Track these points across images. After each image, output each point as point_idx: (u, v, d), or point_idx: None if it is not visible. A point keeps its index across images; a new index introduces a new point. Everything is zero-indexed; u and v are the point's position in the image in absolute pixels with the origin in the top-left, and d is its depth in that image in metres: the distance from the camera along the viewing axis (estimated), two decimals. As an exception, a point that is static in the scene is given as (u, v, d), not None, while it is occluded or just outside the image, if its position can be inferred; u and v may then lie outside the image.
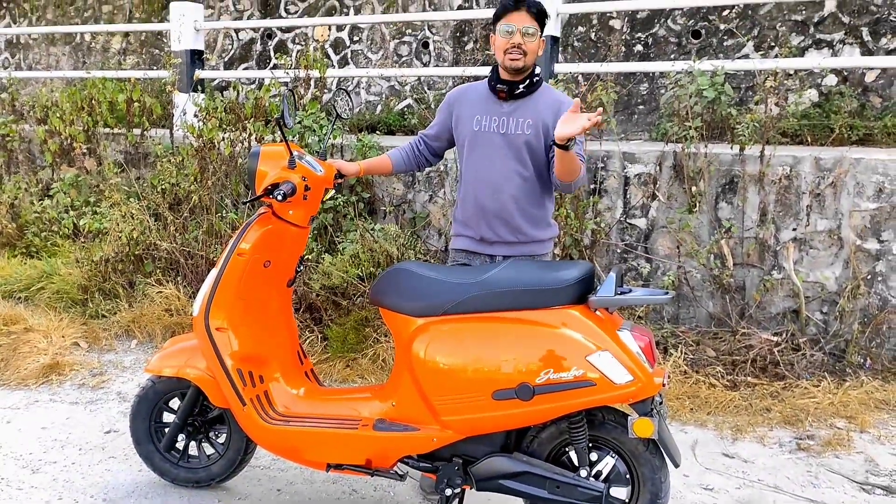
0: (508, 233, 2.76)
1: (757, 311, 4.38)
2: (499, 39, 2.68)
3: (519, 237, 2.76)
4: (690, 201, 4.46)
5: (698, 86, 4.38)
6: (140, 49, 9.96)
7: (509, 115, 2.73)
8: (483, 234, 2.78)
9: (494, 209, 2.73)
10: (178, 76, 6.36)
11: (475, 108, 2.79)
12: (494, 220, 2.75)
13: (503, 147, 2.72)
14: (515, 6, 2.65)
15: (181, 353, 2.74)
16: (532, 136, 2.70)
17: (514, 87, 2.72)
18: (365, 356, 4.14)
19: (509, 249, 2.77)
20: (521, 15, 2.64)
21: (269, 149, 2.63)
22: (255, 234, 2.55)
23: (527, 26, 2.64)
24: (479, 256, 2.83)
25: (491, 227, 2.76)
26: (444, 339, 2.33)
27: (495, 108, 2.76)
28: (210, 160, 5.18)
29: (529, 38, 2.64)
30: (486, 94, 2.80)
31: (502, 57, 2.68)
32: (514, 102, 2.75)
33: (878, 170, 4.14)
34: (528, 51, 2.66)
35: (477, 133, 2.76)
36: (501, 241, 2.77)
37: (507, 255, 2.76)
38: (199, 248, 4.79)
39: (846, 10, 6.30)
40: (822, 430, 3.41)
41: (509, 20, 2.65)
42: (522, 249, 2.78)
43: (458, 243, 2.89)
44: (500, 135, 2.72)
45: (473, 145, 2.77)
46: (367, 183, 5.19)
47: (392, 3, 8.27)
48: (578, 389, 2.19)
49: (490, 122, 2.74)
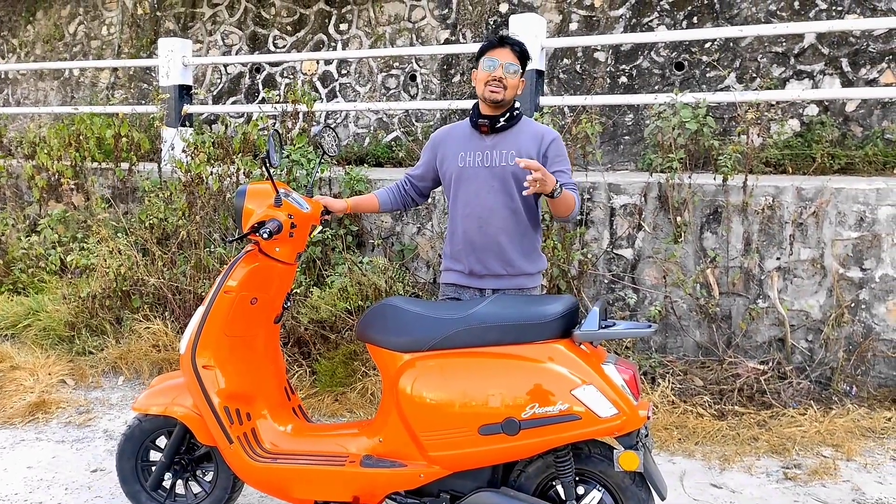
0: (498, 266, 2.79)
1: (743, 340, 4.41)
2: (481, 72, 2.78)
3: (508, 270, 2.80)
4: (675, 231, 4.51)
5: (681, 118, 4.46)
6: (129, 83, 10.03)
7: (492, 149, 2.80)
8: (472, 268, 2.81)
9: (483, 242, 2.78)
10: (166, 111, 6.41)
11: (459, 146, 2.85)
12: (484, 253, 2.79)
13: (489, 180, 2.77)
14: (500, 43, 2.77)
15: (168, 391, 2.74)
16: (516, 166, 2.73)
17: (495, 120, 2.80)
18: (354, 390, 4.13)
19: (499, 282, 2.80)
20: (505, 52, 2.76)
21: (255, 187, 2.65)
22: (242, 272, 2.57)
23: (509, 63, 2.75)
24: (469, 290, 2.85)
25: (480, 260, 2.79)
26: (430, 375, 2.34)
27: (478, 143, 2.82)
28: (198, 195, 5.20)
29: (511, 75, 2.75)
30: (468, 131, 2.88)
31: (483, 89, 2.76)
32: (496, 136, 2.82)
33: (859, 199, 4.21)
34: (509, 86, 2.75)
35: (462, 169, 2.82)
36: (491, 274, 2.80)
37: (496, 288, 2.79)
38: (188, 283, 4.80)
39: (826, 41, 6.44)
40: (808, 459, 3.42)
41: (493, 55, 2.76)
42: (512, 282, 2.81)
43: (447, 277, 2.92)
44: (484, 168, 2.78)
45: (459, 181, 2.82)
46: (356, 216, 5.22)
47: (380, 37, 8.39)
48: (564, 423, 2.20)
49: (474, 157, 2.81)
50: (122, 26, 10.07)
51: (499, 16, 7.74)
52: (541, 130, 2.85)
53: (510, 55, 2.76)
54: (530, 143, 2.80)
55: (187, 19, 9.61)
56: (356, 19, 8.58)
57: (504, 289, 2.79)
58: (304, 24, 8.87)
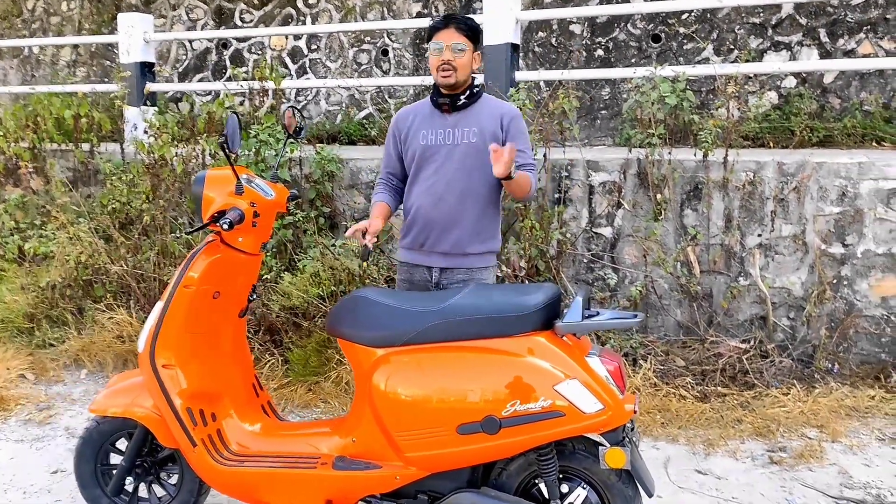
0: (447, 244, 2.77)
1: (725, 319, 4.33)
2: (431, 58, 2.76)
3: (456, 249, 2.78)
4: (656, 209, 4.41)
5: (660, 92, 4.33)
6: (90, 61, 9.68)
7: (454, 127, 2.79)
8: (421, 242, 2.81)
9: (437, 219, 2.76)
10: (127, 90, 6.15)
11: (421, 125, 2.84)
12: (435, 230, 2.78)
13: (450, 158, 2.78)
14: (444, 24, 2.74)
15: (127, 391, 2.58)
16: (479, 142, 2.76)
17: (456, 99, 2.79)
18: (328, 379, 4.00)
19: (446, 261, 2.79)
20: (450, 32, 2.72)
21: (215, 173, 2.48)
22: (203, 264, 2.41)
23: (456, 42, 2.70)
24: (419, 269, 2.84)
25: (430, 236, 2.79)
26: (405, 371, 2.22)
27: (440, 122, 2.82)
28: (162, 177, 4.99)
29: (459, 55, 2.71)
30: (430, 111, 2.86)
31: (435, 74, 2.75)
32: (457, 114, 2.81)
33: (841, 173, 4.12)
34: (459, 66, 2.71)
35: (425, 147, 2.81)
36: (438, 251, 2.79)
37: (444, 267, 2.79)
38: (152, 271, 4.61)
39: (803, 12, 6.33)
40: (793, 441, 3.36)
41: (439, 38, 2.73)
42: (460, 262, 2.79)
43: (401, 255, 2.93)
44: (446, 146, 2.78)
45: (422, 159, 2.81)
46: (328, 196, 5.05)
47: (350, 10, 8.14)
48: (547, 421, 2.09)
49: (436, 136, 2.80)
50: (82, 1, 9.69)
51: (472, -13, 7.53)
52: (501, 108, 2.85)
53: (456, 34, 2.71)
54: (491, 120, 2.79)
55: (150, -7, 9.27)
56: (325, -8, 8.31)
57: (452, 268, 2.78)
58: (271, -3, 8.57)
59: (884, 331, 4.06)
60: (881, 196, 4.05)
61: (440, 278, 2.81)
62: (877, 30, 6.10)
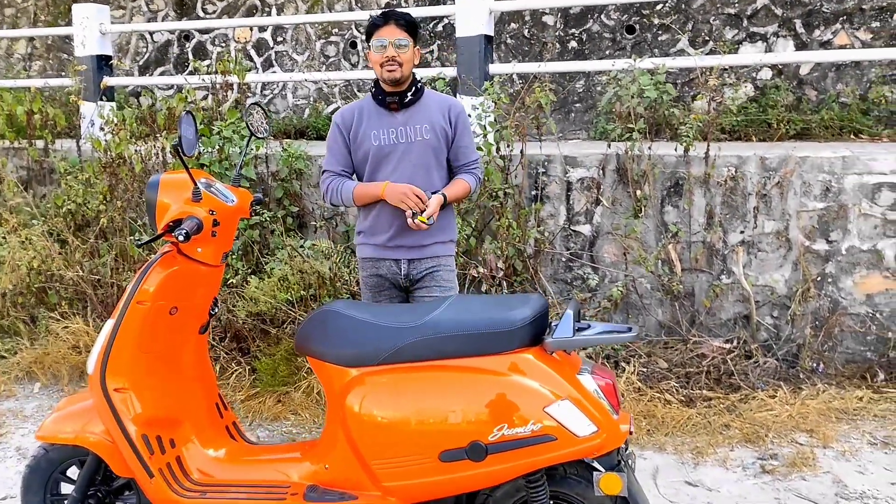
0: (413, 238, 2.84)
1: (707, 318, 4.22)
2: (373, 55, 2.79)
3: (423, 241, 2.85)
4: (635, 206, 4.27)
5: (640, 85, 4.19)
6: (47, 54, 9.31)
7: (405, 124, 2.84)
8: (388, 241, 2.85)
9: (399, 214, 2.78)
10: (83, 84, 5.86)
11: (370, 124, 2.85)
12: (397, 225, 2.81)
13: (407, 156, 2.82)
14: (384, 21, 2.77)
15: (78, 416, 2.36)
16: (431, 137, 2.84)
17: (403, 96, 2.83)
18: (298, 389, 3.80)
19: (412, 253, 2.87)
20: (391, 28, 2.76)
21: (170, 177, 2.27)
22: (158, 277, 2.20)
23: (398, 38, 2.75)
24: (385, 262, 2.89)
25: (394, 232, 2.83)
26: (381, 393, 2.04)
27: (390, 121, 2.85)
28: (121, 176, 4.74)
29: (402, 50, 2.75)
30: (375, 109, 2.88)
31: (379, 71, 2.78)
32: (406, 111, 2.85)
33: (825, 168, 4.02)
34: (403, 61, 2.76)
35: (379, 147, 2.83)
36: (405, 245, 2.85)
37: (411, 258, 2.86)
38: (110, 276, 4.36)
39: (779, 2, 6.24)
40: (784, 448, 3.25)
41: (380, 35, 2.77)
42: (425, 252, 2.87)
43: (364, 252, 2.94)
44: (401, 144, 2.82)
45: (377, 160, 2.83)
46: (295, 195, 4.84)
47: (317, 1, 7.89)
48: (537, 446, 1.92)
49: (388, 135, 2.83)
50: (37, -8, 9.31)
51: (442, -23, 7.33)
52: (447, 101, 2.93)
53: (397, 30, 2.75)
54: (439, 114, 2.87)
55: (108, -17, 8.91)
56: (290, -18, 8.05)
57: (418, 258, 2.86)
58: (234, -13, 8.28)
59: (869, 329, 3.97)
60: (865, 191, 3.96)
61: (409, 269, 2.88)
62: (853, 20, 6.03)
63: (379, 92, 2.84)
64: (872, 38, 5.97)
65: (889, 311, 3.94)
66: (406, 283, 2.90)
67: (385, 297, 2.92)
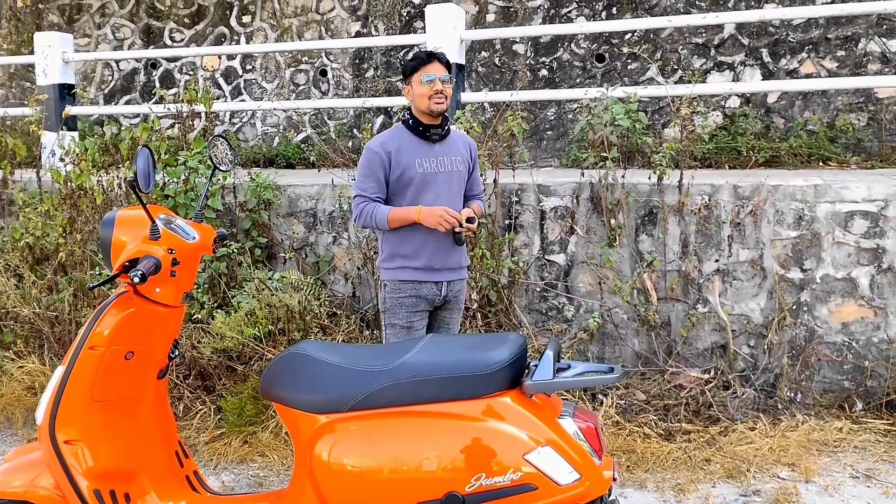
0: (453, 260, 3.09)
1: (684, 348, 4.17)
2: (422, 88, 2.99)
3: (461, 263, 3.15)
4: (610, 235, 4.22)
5: (612, 114, 4.16)
6: (9, 82, 9.12)
7: (443, 155, 3.09)
8: (431, 264, 3.04)
9: (444, 240, 3.02)
10: (44, 113, 5.70)
11: (413, 153, 3.03)
12: (443, 250, 3.04)
13: (446, 183, 3.07)
14: (429, 59, 3.02)
15: (27, 468, 2.20)
16: (463, 169, 3.16)
17: (443, 128, 3.09)
18: (265, 429, 3.65)
19: (452, 274, 3.11)
20: (436, 66, 3.02)
21: (127, 213, 2.16)
22: (113, 320, 2.07)
23: (444, 74, 3.01)
24: (427, 284, 3.06)
25: (439, 257, 3.04)
26: (352, 441, 1.92)
27: (430, 151, 3.07)
28: (81, 208, 4.58)
29: (447, 85, 3.01)
30: (416, 140, 3.07)
31: (427, 103, 2.99)
32: (441, 143, 3.11)
33: (797, 196, 4.02)
34: (447, 95, 3.01)
35: (423, 175, 3.02)
36: (447, 267, 3.08)
37: (450, 280, 3.10)
38: (68, 312, 4.18)
39: (745, 31, 6.31)
40: (767, 483, 3.18)
41: (427, 70, 2.99)
42: (460, 274, 3.17)
43: (404, 275, 3.06)
44: (441, 173, 3.06)
45: (421, 186, 3.02)
46: (264, 226, 4.72)
47: (286, 29, 7.83)
48: (517, 496, 1.83)
49: (430, 164, 3.04)
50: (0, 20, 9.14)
51: (412, 6, 7.32)
52: (464, 137, 3.28)
53: (441, 67, 3.01)
54: (463, 148, 3.20)
55: (73, 11, 8.78)
56: (260, 11, 7.99)
57: (455, 280, 3.12)
58: (203, 15, 8.21)
59: (846, 358, 3.94)
60: (838, 219, 3.95)
61: (447, 290, 3.11)
62: (818, 49, 6.12)
63: (419, 123, 3.04)
64: (838, 66, 6.06)
65: (865, 340, 3.92)
66: (441, 303, 3.12)
67: (419, 315, 3.08)
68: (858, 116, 5.92)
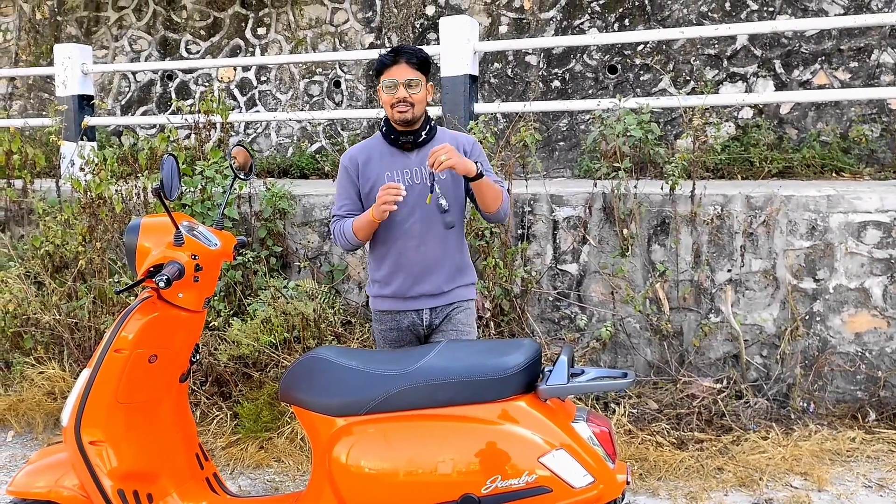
0: (432, 285, 2.70)
1: (696, 357, 4.18)
2: (383, 95, 2.63)
3: (444, 287, 2.72)
4: (622, 244, 4.25)
5: (625, 125, 4.20)
6: (28, 93, 9.27)
7: (419, 165, 2.68)
8: (403, 291, 2.71)
9: (418, 262, 2.68)
10: (64, 124, 5.80)
11: (382, 166, 2.70)
12: (417, 274, 2.69)
13: (421, 197, 2.65)
14: (394, 59, 2.60)
15: (52, 469, 2.26)
16: (448, 178, 2.68)
17: (417, 136, 2.69)
18: (281, 435, 3.70)
19: (436, 301, 2.73)
20: (402, 68, 2.59)
21: (151, 221, 2.22)
22: (138, 325, 2.12)
23: (409, 78, 2.58)
24: (407, 314, 2.73)
25: (413, 282, 2.69)
26: (370, 444, 1.96)
27: (403, 161, 2.70)
28: (100, 217, 4.66)
29: (414, 90, 2.60)
30: (387, 149, 2.72)
31: (391, 112, 2.63)
32: (420, 151, 2.71)
33: (810, 207, 4.03)
34: (415, 101, 2.61)
35: None
36: (426, 294, 2.71)
37: (434, 306, 2.72)
38: (88, 319, 4.25)
39: (758, 43, 6.34)
40: (779, 492, 3.19)
41: (391, 74, 2.60)
42: (447, 298, 2.74)
43: (381, 305, 2.78)
44: (416, 185, 2.67)
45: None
46: (279, 235, 4.78)
47: (300, 41, 7.93)
48: (532, 498, 1.86)
49: (402, 176, 2.68)
50: (19, 32, 9.29)
51: (426, 18, 7.40)
52: (458, 137, 2.78)
53: (408, 69, 2.59)
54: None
55: (91, 24, 8.92)
56: (274, 23, 8.10)
57: (441, 305, 2.72)
58: (218, 28, 8.32)
59: (859, 368, 3.95)
60: (851, 229, 3.96)
61: (431, 318, 2.73)
62: (831, 60, 6.13)
63: (391, 131, 2.68)
64: (851, 77, 6.07)
65: (878, 350, 3.92)
66: (427, 331, 2.75)
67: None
68: (871, 127, 5.93)
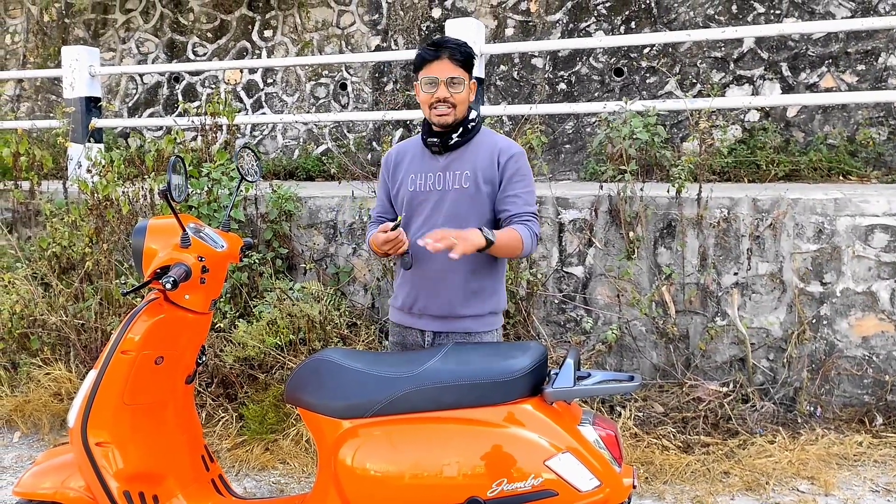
0: (436, 305, 2.40)
1: (703, 361, 4.16)
2: (421, 93, 2.36)
3: (449, 311, 2.39)
4: (628, 247, 4.24)
5: (631, 127, 4.19)
6: (35, 95, 9.31)
7: (445, 170, 2.40)
8: (409, 305, 2.45)
9: (427, 276, 2.39)
10: (71, 126, 5.82)
11: (411, 167, 2.46)
12: (424, 289, 2.41)
13: (440, 205, 2.39)
14: (436, 54, 2.31)
15: (58, 470, 2.26)
16: (471, 187, 2.37)
17: (447, 138, 2.39)
18: (286, 437, 3.70)
19: (437, 324, 2.41)
20: (444, 64, 2.30)
21: (158, 223, 2.22)
22: (144, 326, 2.13)
23: (451, 76, 2.30)
24: (411, 331, 2.48)
25: (418, 296, 2.43)
26: (375, 446, 1.96)
27: (431, 164, 2.43)
28: (107, 219, 4.67)
29: (456, 89, 2.31)
30: (421, 150, 2.47)
31: (428, 113, 2.36)
32: (449, 154, 2.42)
33: (817, 210, 4.02)
34: (457, 102, 2.32)
35: (413, 193, 2.43)
36: (428, 314, 2.42)
37: (437, 330, 2.41)
38: (94, 320, 4.26)
39: (765, 45, 6.33)
40: (786, 496, 3.17)
41: (430, 71, 2.32)
42: (454, 325, 2.40)
43: (391, 314, 2.57)
44: (436, 192, 2.40)
45: (411, 209, 2.43)
46: (285, 237, 4.78)
47: (307, 44, 7.95)
48: (538, 501, 1.85)
49: (425, 180, 2.41)
50: (27, 34, 9.34)
51: (432, 21, 7.41)
52: (500, 144, 2.42)
53: (450, 66, 2.30)
54: (486, 160, 2.39)
55: (98, 26, 8.96)
56: (281, 25, 8.12)
57: (446, 332, 2.39)
58: (225, 30, 8.35)
59: (866, 372, 3.93)
60: (858, 233, 3.95)
61: (434, 343, 2.42)
62: (838, 63, 6.12)
63: (426, 132, 2.42)
64: (858, 80, 6.06)
65: (885, 354, 3.90)
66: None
67: None
68: (879, 131, 5.91)
